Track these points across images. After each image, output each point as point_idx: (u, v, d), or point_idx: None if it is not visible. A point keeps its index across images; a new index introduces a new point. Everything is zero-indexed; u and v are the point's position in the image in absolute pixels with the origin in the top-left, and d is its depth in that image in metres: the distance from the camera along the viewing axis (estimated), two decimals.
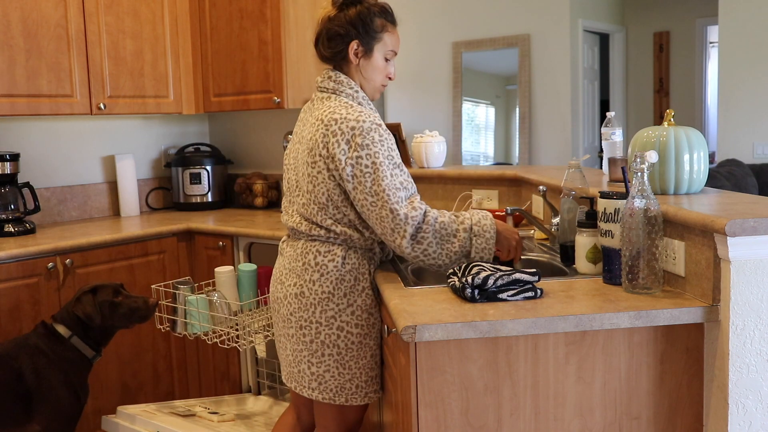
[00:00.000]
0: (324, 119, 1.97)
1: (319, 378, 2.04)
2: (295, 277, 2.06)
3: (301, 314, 2.04)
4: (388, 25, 2.08)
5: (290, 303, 2.06)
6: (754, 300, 1.60)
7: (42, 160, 3.58)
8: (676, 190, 1.94)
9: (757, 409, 1.63)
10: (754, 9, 5.49)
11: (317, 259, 2.02)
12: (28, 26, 3.13)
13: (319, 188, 1.98)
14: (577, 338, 1.62)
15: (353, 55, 2.05)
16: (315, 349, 2.03)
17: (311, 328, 2.03)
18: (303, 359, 2.06)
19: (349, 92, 2.05)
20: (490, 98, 7.14)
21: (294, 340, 2.07)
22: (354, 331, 2.03)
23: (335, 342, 2.02)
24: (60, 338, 2.53)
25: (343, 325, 2.02)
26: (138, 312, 2.62)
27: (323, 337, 2.02)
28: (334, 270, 2.01)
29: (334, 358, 2.03)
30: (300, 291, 2.04)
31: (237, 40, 3.65)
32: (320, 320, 2.02)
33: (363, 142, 1.91)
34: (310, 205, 2.02)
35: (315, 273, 2.02)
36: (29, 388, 2.42)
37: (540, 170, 3.12)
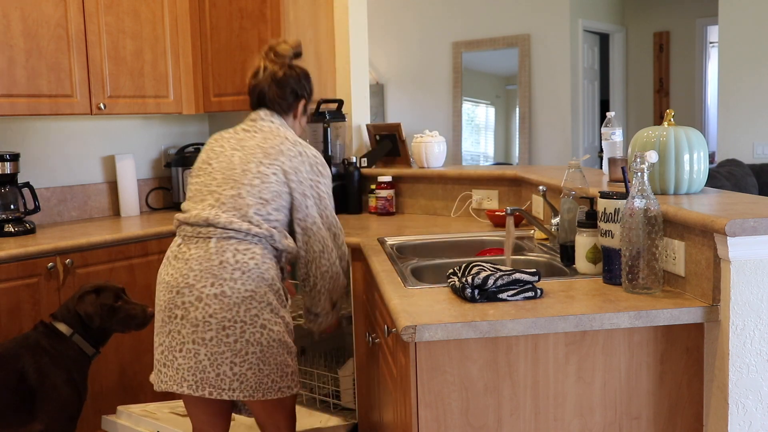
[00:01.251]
0: (290, 138, 2.23)
1: (240, 377, 2.08)
2: (211, 277, 2.06)
3: (224, 314, 2.05)
4: None
5: (208, 305, 2.05)
6: (754, 300, 1.60)
7: (42, 160, 3.58)
8: (676, 190, 1.94)
9: (757, 409, 1.63)
10: (754, 9, 5.49)
11: (236, 257, 2.08)
12: (28, 26, 3.13)
13: (267, 186, 2.13)
14: (577, 338, 1.62)
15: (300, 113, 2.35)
16: (239, 348, 2.07)
17: (235, 328, 2.06)
18: (224, 361, 2.06)
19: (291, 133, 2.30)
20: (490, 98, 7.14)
21: (213, 342, 2.06)
22: (275, 328, 2.12)
23: (258, 340, 2.09)
24: (61, 336, 2.53)
25: (265, 322, 2.10)
26: (135, 320, 2.62)
27: (248, 335, 2.07)
28: (255, 267, 2.09)
29: (257, 356, 2.09)
30: (221, 290, 2.06)
31: (237, 40, 3.65)
32: (244, 319, 2.07)
33: (324, 172, 2.25)
34: (246, 198, 2.12)
35: (236, 271, 2.07)
36: (32, 387, 2.42)
37: (540, 170, 3.12)
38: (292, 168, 2.17)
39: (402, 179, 3.54)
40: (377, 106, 7.53)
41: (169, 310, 2.12)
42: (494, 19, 6.85)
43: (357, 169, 3.61)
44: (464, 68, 7.07)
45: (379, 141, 3.71)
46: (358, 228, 3.06)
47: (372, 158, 3.65)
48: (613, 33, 7.40)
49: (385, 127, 3.73)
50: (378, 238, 2.70)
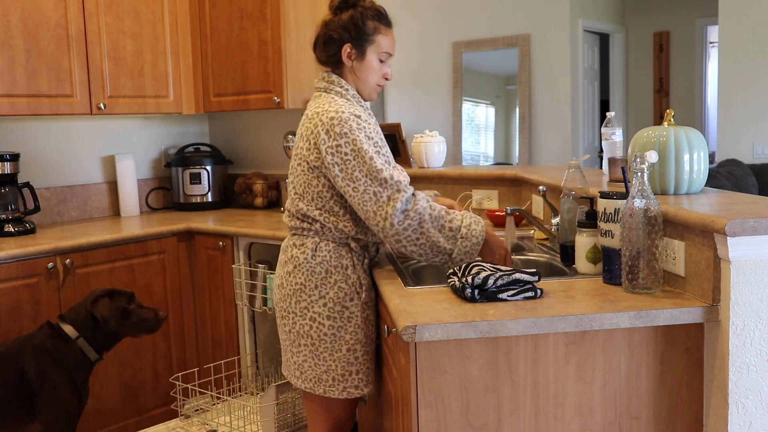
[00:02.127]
0: (309, 114, 2.10)
1: (300, 367, 2.14)
2: (280, 269, 2.19)
3: (282, 304, 2.17)
4: (381, 27, 2.14)
5: (276, 293, 2.21)
6: (754, 300, 1.60)
7: (42, 160, 3.58)
8: (676, 190, 1.94)
9: (757, 409, 1.63)
10: (754, 9, 5.49)
11: (292, 252, 2.14)
12: (28, 26, 3.13)
13: (298, 179, 2.10)
14: (577, 338, 1.62)
15: (346, 58, 2.12)
16: (293, 338, 2.15)
17: (289, 318, 2.14)
18: (287, 348, 2.18)
19: (338, 90, 2.13)
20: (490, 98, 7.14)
21: (280, 330, 2.21)
22: (326, 323, 2.09)
23: (308, 332, 2.11)
24: (66, 339, 2.53)
25: (315, 316, 2.10)
26: (147, 323, 2.65)
27: (298, 327, 2.12)
28: (304, 262, 2.10)
29: (309, 348, 2.11)
30: (280, 282, 2.17)
31: (237, 40, 3.65)
32: (295, 310, 2.12)
33: (341, 131, 1.98)
34: (293, 196, 2.14)
35: (290, 264, 2.14)
36: (32, 387, 2.42)
37: (540, 170, 3.12)
38: (312, 147, 2.03)
39: None
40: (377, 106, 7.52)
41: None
42: (494, 19, 6.85)
43: None
44: (464, 68, 7.07)
45: None
46: None
47: None
48: (613, 33, 7.40)
49: (385, 127, 3.73)
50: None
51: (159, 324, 2.68)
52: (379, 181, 1.96)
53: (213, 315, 3.47)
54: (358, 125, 2.00)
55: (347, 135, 1.98)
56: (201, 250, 3.46)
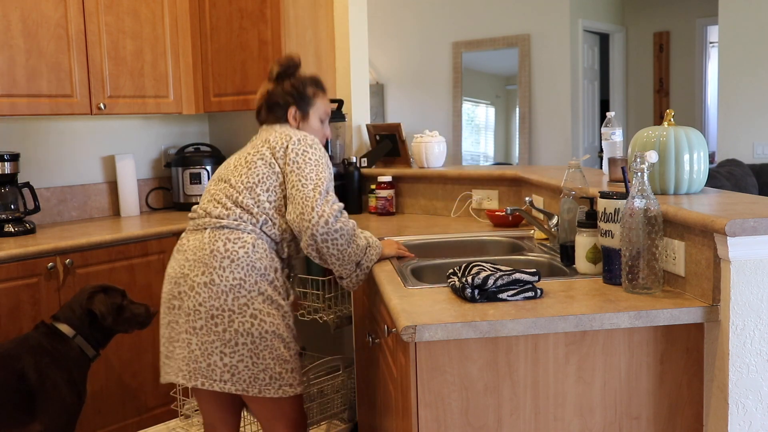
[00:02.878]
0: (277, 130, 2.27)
1: (232, 369, 2.08)
2: (203, 266, 2.11)
3: (212, 303, 2.08)
4: (319, 92, 2.38)
5: (198, 293, 2.10)
6: (754, 300, 1.60)
7: (42, 160, 3.58)
8: (676, 190, 1.94)
9: (757, 409, 1.63)
10: (754, 9, 5.49)
11: (227, 246, 2.11)
12: (28, 26, 3.13)
13: (254, 170, 2.17)
14: (577, 338, 1.62)
15: (292, 119, 2.33)
16: (228, 338, 2.07)
17: (224, 317, 2.07)
18: (215, 351, 2.08)
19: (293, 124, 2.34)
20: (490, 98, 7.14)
21: (203, 331, 2.09)
22: (267, 319, 2.09)
23: (249, 330, 2.07)
24: (63, 337, 2.53)
25: (256, 312, 2.08)
26: (139, 318, 2.66)
27: (237, 324, 2.07)
28: (244, 256, 2.09)
29: (248, 347, 2.08)
30: (210, 279, 2.09)
31: (237, 40, 3.65)
32: (233, 308, 2.07)
33: (312, 144, 2.21)
34: (233, 188, 2.18)
35: (225, 259, 2.09)
36: (32, 387, 2.42)
37: (540, 170, 3.12)
38: (278, 146, 2.20)
39: (402, 179, 3.54)
40: (377, 106, 7.53)
41: (168, 301, 2.20)
42: (494, 19, 6.85)
43: (357, 169, 3.61)
44: (464, 68, 7.07)
45: (379, 141, 3.71)
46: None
47: (372, 158, 3.65)
48: (613, 33, 7.40)
49: (385, 127, 3.73)
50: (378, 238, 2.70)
51: (150, 319, 2.69)
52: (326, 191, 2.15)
53: None
54: (324, 154, 2.23)
55: (316, 151, 2.20)
56: None
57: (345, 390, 3.02)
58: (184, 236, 2.27)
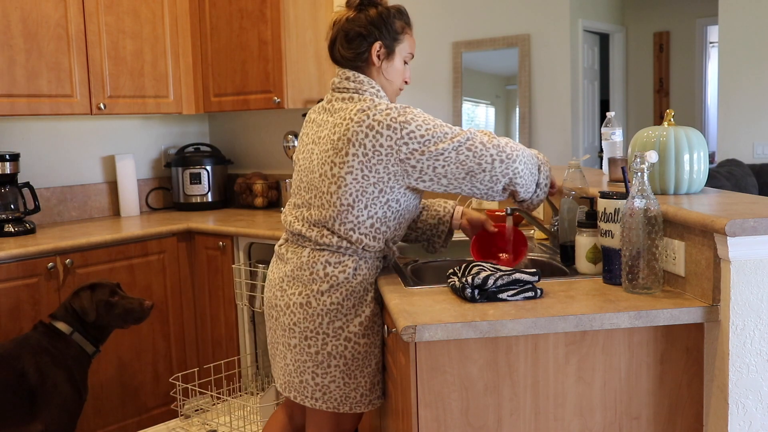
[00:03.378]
0: (354, 117, 1.88)
1: (323, 389, 1.99)
2: (301, 286, 1.99)
3: (306, 324, 1.97)
4: (407, 27, 2.04)
5: (294, 313, 1.99)
6: (754, 300, 1.60)
7: (42, 160, 3.58)
8: (676, 190, 1.94)
9: (757, 409, 1.63)
10: (754, 9, 5.49)
11: (326, 270, 1.96)
12: (28, 26, 3.13)
13: (345, 189, 1.89)
14: (577, 338, 1.62)
15: (376, 57, 1.98)
16: (321, 360, 1.98)
17: (317, 339, 1.97)
18: (306, 370, 2.00)
19: (373, 91, 1.97)
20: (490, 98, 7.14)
21: (297, 350, 2.00)
22: (361, 341, 1.98)
23: (342, 353, 1.97)
24: (62, 335, 2.54)
25: (351, 335, 1.97)
26: (133, 313, 2.65)
27: (330, 348, 1.97)
28: (344, 282, 1.95)
29: (341, 369, 1.98)
30: (306, 301, 1.97)
31: (237, 40, 3.65)
32: (327, 331, 1.96)
33: (406, 119, 1.86)
34: (329, 208, 1.93)
35: (324, 284, 1.95)
36: (33, 387, 2.42)
37: None
38: (371, 152, 1.86)
39: None
40: None
41: (269, 308, 2.11)
42: (494, 19, 6.84)
43: None
44: (464, 68, 7.07)
45: None
46: None
47: None
48: (613, 33, 7.40)
49: None
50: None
51: (145, 314, 2.67)
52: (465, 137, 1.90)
53: (213, 315, 3.47)
54: (415, 110, 1.90)
55: (414, 119, 1.86)
56: (201, 250, 3.46)
57: None
58: (283, 244, 2.10)
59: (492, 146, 1.92)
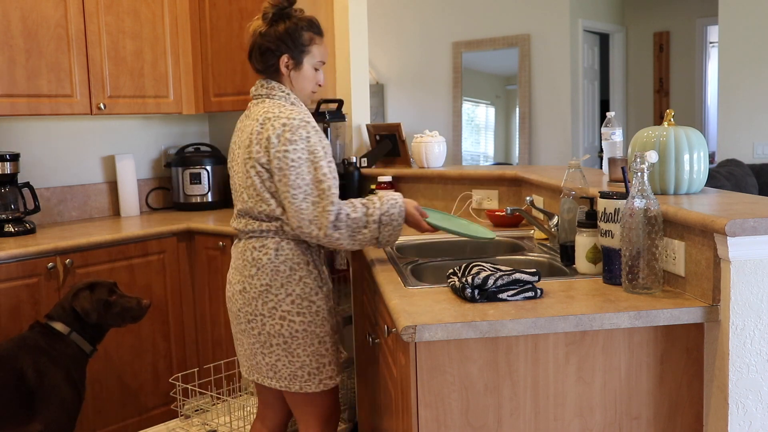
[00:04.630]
0: (258, 119, 2.12)
1: (273, 367, 2.16)
2: (238, 275, 2.20)
3: (247, 309, 2.17)
4: (316, 37, 2.22)
5: (237, 300, 2.21)
6: (754, 300, 1.60)
7: (42, 160, 3.58)
8: (676, 190, 1.94)
9: (757, 409, 1.63)
10: (754, 9, 5.49)
11: (253, 255, 2.15)
12: (28, 26, 3.13)
13: (250, 182, 2.12)
14: (577, 338, 1.62)
15: (284, 68, 2.19)
16: (264, 340, 2.16)
17: (257, 321, 2.16)
18: (257, 351, 2.18)
19: (281, 94, 2.19)
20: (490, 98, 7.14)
21: (246, 334, 2.20)
22: (296, 319, 2.13)
23: (279, 331, 2.14)
24: (59, 335, 2.54)
25: (285, 314, 2.13)
26: (131, 312, 2.66)
27: (268, 327, 2.14)
28: (268, 263, 2.13)
29: (282, 347, 2.14)
30: (242, 287, 2.18)
31: (237, 40, 3.65)
32: (263, 312, 2.14)
33: (291, 138, 2.05)
34: (248, 201, 2.14)
35: (252, 268, 2.15)
36: (31, 387, 2.42)
37: (540, 170, 3.12)
38: (262, 152, 2.09)
39: (402, 179, 3.54)
40: (377, 106, 7.53)
41: (226, 302, 2.32)
42: (494, 19, 6.85)
43: (357, 169, 3.61)
44: (464, 68, 7.07)
45: (379, 141, 3.71)
46: None
47: (372, 158, 3.65)
48: (613, 33, 7.40)
49: (385, 127, 3.73)
50: None
51: (143, 312, 2.69)
52: (319, 191, 2.05)
53: (213, 315, 3.47)
54: (307, 133, 2.07)
55: (297, 142, 2.05)
56: (201, 250, 3.46)
57: (345, 390, 3.02)
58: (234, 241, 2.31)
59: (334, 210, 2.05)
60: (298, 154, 2.05)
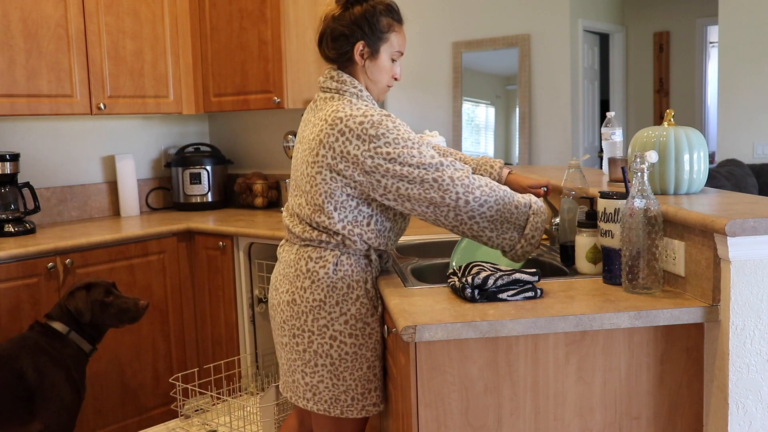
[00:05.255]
0: (328, 119, 1.90)
1: (313, 389, 1.99)
2: (288, 283, 2.01)
3: (294, 322, 1.99)
4: (395, 24, 2.01)
5: (283, 310, 2.02)
6: (754, 300, 1.60)
7: (42, 160, 3.58)
8: (676, 190, 1.94)
9: (757, 409, 1.63)
10: (754, 9, 5.49)
11: (308, 266, 1.96)
12: (28, 26, 3.13)
13: (316, 189, 1.92)
14: (577, 338, 1.62)
15: (359, 57, 1.97)
16: (308, 359, 1.98)
17: (304, 337, 1.97)
18: (297, 369, 2.01)
19: (353, 91, 1.97)
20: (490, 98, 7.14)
21: (288, 348, 2.02)
22: (348, 341, 1.96)
23: (328, 352, 1.96)
24: (59, 335, 2.54)
25: (336, 334, 1.95)
26: (128, 313, 2.65)
27: (316, 346, 1.96)
28: (325, 277, 1.94)
29: (328, 368, 1.96)
30: (292, 298, 1.99)
31: (237, 40, 3.65)
32: (312, 329, 1.96)
33: (377, 133, 1.85)
34: (306, 206, 1.96)
35: (306, 280, 1.96)
36: (31, 387, 2.42)
37: (540, 170, 3.12)
38: (339, 156, 1.87)
39: None
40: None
41: (270, 309, 2.14)
42: (494, 19, 6.85)
43: None
44: (464, 68, 7.07)
45: None
46: None
47: None
48: (613, 33, 7.40)
49: None
50: None
51: (140, 313, 2.67)
52: (434, 166, 1.85)
53: (213, 315, 3.47)
54: (393, 124, 1.87)
55: (385, 135, 1.85)
56: (201, 250, 3.46)
57: None
58: (283, 244, 2.12)
59: (461, 184, 1.86)
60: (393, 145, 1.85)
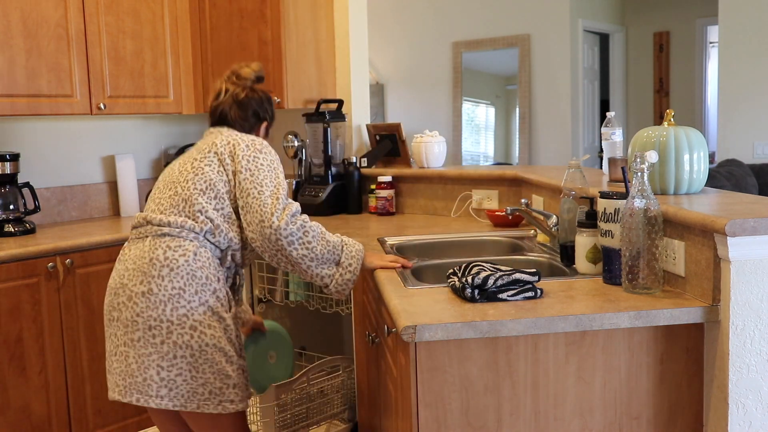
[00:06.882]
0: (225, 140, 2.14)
1: (170, 384, 1.97)
2: (141, 275, 1.99)
3: (150, 313, 1.96)
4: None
5: (136, 303, 1.98)
6: (754, 300, 1.60)
7: (42, 160, 3.58)
8: (676, 190, 1.94)
9: (757, 409, 1.63)
10: (754, 9, 5.49)
11: (167, 254, 1.99)
12: (28, 26, 3.13)
13: (201, 176, 2.07)
14: (577, 338, 1.62)
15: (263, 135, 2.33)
16: (166, 351, 1.96)
17: (162, 328, 1.95)
18: (151, 364, 1.96)
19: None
20: (490, 98, 7.14)
21: (140, 344, 1.97)
22: (207, 331, 1.97)
23: (188, 342, 1.96)
24: None
25: (197, 324, 1.96)
26: None
27: (175, 337, 1.95)
28: (185, 264, 1.98)
29: (187, 360, 1.96)
30: (148, 288, 1.97)
31: (237, 40, 3.65)
32: (171, 319, 1.95)
33: (262, 149, 2.13)
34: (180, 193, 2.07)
35: (164, 268, 1.98)
36: None
37: (540, 170, 3.12)
38: (225, 151, 2.10)
39: (402, 179, 3.54)
40: (377, 106, 7.53)
41: (108, 313, 2.08)
42: (494, 19, 6.85)
43: (357, 169, 3.61)
44: (464, 68, 7.07)
45: (379, 141, 3.71)
46: (358, 228, 3.06)
47: (372, 158, 3.65)
48: (613, 33, 7.40)
49: (385, 127, 3.73)
50: (378, 238, 2.70)
51: None
52: (284, 197, 2.07)
53: None
54: (275, 157, 2.16)
55: (267, 155, 2.12)
56: None
57: (345, 390, 3.02)
58: (126, 246, 2.15)
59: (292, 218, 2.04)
60: (269, 160, 2.11)
